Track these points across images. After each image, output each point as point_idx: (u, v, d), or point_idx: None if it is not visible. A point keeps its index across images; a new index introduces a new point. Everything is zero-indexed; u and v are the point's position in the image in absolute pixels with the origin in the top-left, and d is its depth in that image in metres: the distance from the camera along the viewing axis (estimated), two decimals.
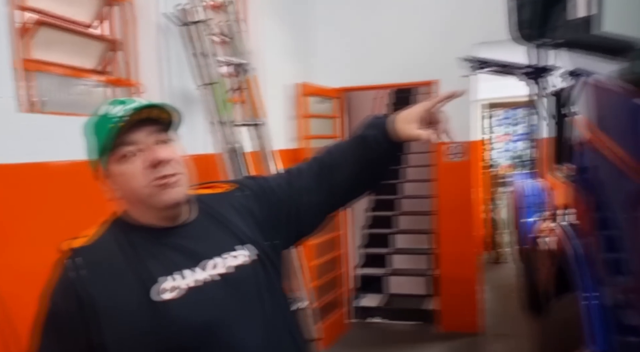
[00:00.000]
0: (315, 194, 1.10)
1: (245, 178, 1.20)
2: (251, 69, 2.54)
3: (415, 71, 3.86)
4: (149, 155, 0.91)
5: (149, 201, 0.91)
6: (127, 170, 0.91)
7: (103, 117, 0.92)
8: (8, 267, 1.34)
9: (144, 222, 0.94)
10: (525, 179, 4.68)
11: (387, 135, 1.07)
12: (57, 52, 1.76)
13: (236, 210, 1.05)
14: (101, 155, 0.91)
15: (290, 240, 1.12)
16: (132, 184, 0.91)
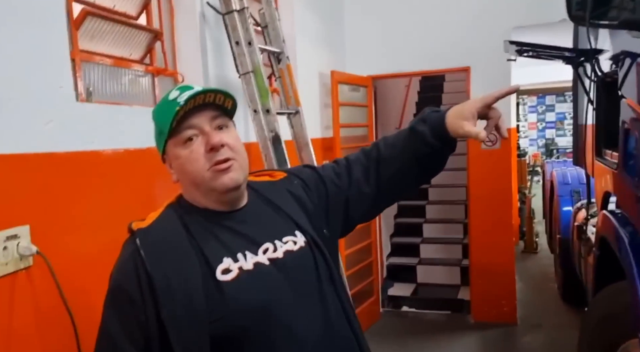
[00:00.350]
0: (364, 187, 1.11)
1: (296, 168, 1.21)
2: (285, 58, 2.54)
3: (447, 58, 3.80)
4: (208, 139, 0.94)
5: (207, 185, 0.94)
6: (187, 154, 0.94)
7: (167, 102, 0.95)
8: (66, 252, 1.38)
9: (204, 205, 0.97)
10: (562, 166, 4.59)
11: (437, 130, 1.05)
12: (103, 43, 1.79)
13: (287, 198, 1.07)
14: (164, 139, 0.94)
15: (337, 231, 1.13)
16: (191, 168, 0.94)
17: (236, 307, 0.89)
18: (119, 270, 0.92)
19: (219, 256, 0.92)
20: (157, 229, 0.93)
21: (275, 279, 0.94)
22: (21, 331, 1.25)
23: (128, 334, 0.87)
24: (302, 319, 0.95)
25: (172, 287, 0.87)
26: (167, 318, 0.85)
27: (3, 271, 1.22)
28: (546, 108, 14.11)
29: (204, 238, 0.93)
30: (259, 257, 0.95)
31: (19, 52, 1.29)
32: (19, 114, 1.27)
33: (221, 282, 0.90)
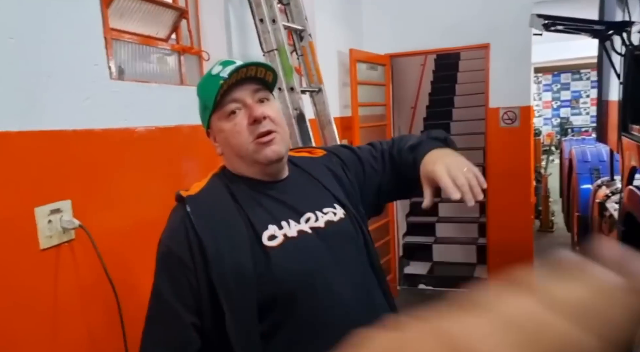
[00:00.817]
0: (397, 171, 1.15)
1: (334, 147, 1.24)
2: (308, 35, 2.53)
3: (466, 34, 3.75)
4: (250, 112, 0.96)
5: (251, 157, 0.97)
6: (230, 127, 0.96)
7: (210, 77, 0.97)
8: (105, 226, 1.42)
9: (248, 175, 1.01)
10: (580, 144, 4.55)
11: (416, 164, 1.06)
12: (131, 21, 1.80)
13: (326, 174, 1.10)
14: (209, 113, 0.97)
15: (369, 210, 1.17)
16: (235, 141, 0.96)
17: (282, 272, 0.92)
18: (169, 235, 0.95)
19: (264, 223, 0.95)
20: (205, 196, 0.96)
21: (317, 247, 0.98)
22: (66, 300, 1.30)
23: (180, 297, 0.90)
24: (344, 285, 0.98)
25: (221, 251, 0.90)
26: (217, 280, 0.88)
27: (48, 243, 1.26)
28: (561, 86, 13.90)
29: (249, 205, 0.96)
30: (302, 225, 0.98)
31: (57, 30, 1.31)
32: (58, 91, 1.30)
33: (267, 247, 0.93)
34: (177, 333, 0.90)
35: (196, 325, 0.91)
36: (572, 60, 8.68)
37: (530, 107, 3.96)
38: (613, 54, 2.12)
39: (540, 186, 5.94)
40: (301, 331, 0.93)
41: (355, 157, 1.16)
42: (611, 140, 2.65)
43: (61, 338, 1.28)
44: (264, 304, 0.91)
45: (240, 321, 0.89)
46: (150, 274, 1.60)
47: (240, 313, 0.89)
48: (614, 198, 2.90)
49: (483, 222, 4.43)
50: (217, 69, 0.97)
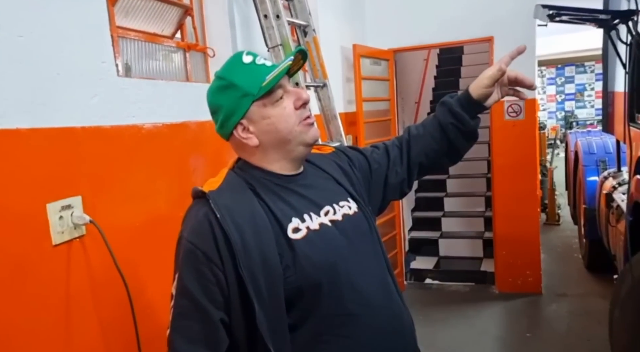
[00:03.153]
0: (398, 167, 1.19)
1: (342, 146, 1.28)
2: (312, 30, 2.53)
3: (469, 28, 3.74)
4: (299, 96, 0.99)
5: (298, 139, 0.99)
6: (279, 112, 0.97)
7: (249, 65, 0.97)
8: (115, 222, 1.43)
9: (270, 169, 1.01)
10: (586, 136, 4.53)
11: (462, 99, 1.14)
12: (137, 19, 1.81)
13: (336, 169, 1.13)
14: (251, 100, 0.96)
15: (375, 208, 1.20)
16: (285, 124, 0.97)
17: (308, 264, 0.93)
18: (193, 232, 0.93)
19: (288, 216, 0.96)
20: (226, 191, 0.96)
21: (337, 239, 1.00)
22: (78, 295, 1.31)
23: (208, 294, 0.90)
24: (363, 276, 1.00)
25: (248, 245, 0.90)
26: (246, 275, 0.89)
27: (59, 239, 1.27)
28: (565, 80, 13.83)
29: (271, 199, 0.97)
30: (322, 218, 1.00)
31: (64, 28, 1.32)
32: (67, 89, 1.31)
33: (292, 240, 0.94)
34: (209, 330, 0.90)
35: (224, 322, 0.91)
36: (576, 53, 8.63)
37: (535, 100, 3.94)
38: (619, 44, 2.11)
39: (546, 179, 5.92)
40: (325, 322, 0.95)
41: (362, 155, 1.20)
42: (617, 131, 2.64)
43: (74, 333, 1.29)
44: (289, 296, 0.92)
45: (271, 315, 0.90)
46: (161, 268, 1.61)
47: (271, 307, 0.90)
48: (621, 189, 2.89)
49: (489, 216, 4.43)
50: (248, 58, 0.98)
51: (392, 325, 1.02)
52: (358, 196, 1.10)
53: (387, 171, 1.19)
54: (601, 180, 3.65)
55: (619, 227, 2.64)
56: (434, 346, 3.17)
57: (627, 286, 1.92)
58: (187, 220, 0.97)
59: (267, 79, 0.94)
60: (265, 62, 0.98)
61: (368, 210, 1.11)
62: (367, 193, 1.16)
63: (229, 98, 0.98)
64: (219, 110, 1.00)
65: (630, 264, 1.92)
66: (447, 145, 1.17)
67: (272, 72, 0.95)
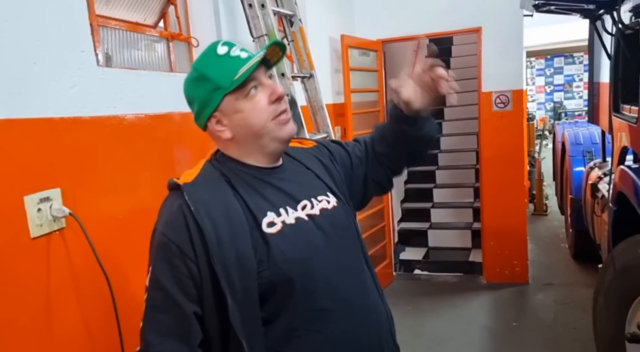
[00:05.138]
0: (379, 163, 1.18)
1: (324, 140, 1.26)
2: (298, 20, 2.51)
3: (458, 19, 3.73)
4: (273, 90, 0.96)
5: (271, 135, 0.96)
6: (251, 106, 0.95)
7: (221, 57, 0.95)
8: (96, 214, 1.41)
9: (248, 161, 0.99)
10: (573, 127, 4.56)
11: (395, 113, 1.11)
12: (118, 8, 1.77)
13: (317, 164, 1.12)
14: (223, 93, 0.94)
15: (356, 203, 1.19)
16: (257, 119, 0.95)
17: (282, 259, 0.92)
18: (167, 224, 0.92)
19: (263, 210, 0.94)
20: (201, 183, 0.95)
21: (314, 233, 0.98)
22: (58, 289, 1.29)
23: (181, 287, 0.89)
24: (339, 271, 0.99)
25: (222, 239, 0.89)
26: (219, 269, 0.87)
27: (38, 232, 1.25)
28: (554, 71, 13.89)
29: (247, 192, 0.95)
30: (299, 212, 0.98)
31: (41, 17, 1.29)
32: (44, 78, 1.28)
33: (267, 234, 0.92)
34: (182, 323, 0.89)
35: (197, 314, 0.90)
36: (565, 43, 8.66)
37: (523, 91, 3.95)
38: (604, 35, 2.11)
39: (533, 170, 5.97)
40: (299, 317, 0.94)
41: (344, 150, 1.19)
42: (602, 122, 2.66)
43: (55, 327, 1.28)
44: (263, 290, 0.91)
45: (244, 309, 0.88)
46: (143, 262, 1.59)
47: (243, 301, 0.89)
48: (607, 179, 2.91)
49: (477, 207, 4.45)
50: (223, 49, 0.95)
51: (367, 320, 1.02)
52: (338, 191, 1.09)
53: (367, 167, 1.18)
54: (587, 170, 3.68)
55: (604, 217, 2.67)
56: (423, 335, 3.20)
57: (610, 275, 1.94)
58: (161, 212, 0.96)
59: (239, 73, 0.92)
60: (241, 53, 0.95)
61: (348, 205, 1.10)
62: (349, 188, 1.15)
63: (201, 90, 0.96)
64: (194, 101, 0.98)
65: (612, 254, 1.94)
66: (405, 149, 1.17)
67: (245, 64, 0.93)
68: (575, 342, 2.92)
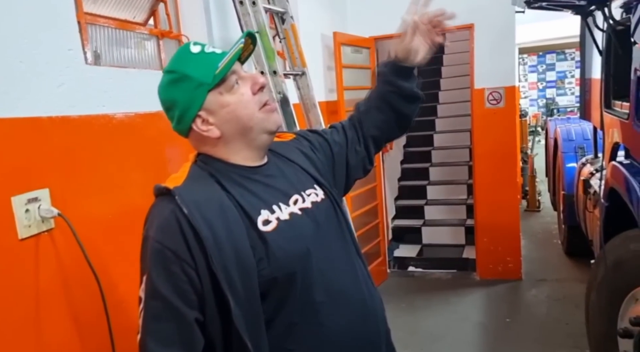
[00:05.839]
0: (357, 145, 1.19)
1: (302, 131, 1.26)
2: (290, 17, 2.49)
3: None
4: (256, 80, 0.96)
5: (260, 125, 0.96)
6: (237, 98, 0.95)
7: (202, 55, 0.94)
8: (85, 215, 1.40)
9: (235, 161, 0.98)
10: (565, 123, 4.58)
11: (392, 66, 1.14)
12: (106, 6, 1.75)
13: (300, 156, 1.11)
14: (206, 90, 0.93)
15: (341, 189, 1.20)
16: (245, 111, 0.95)
17: (281, 255, 0.91)
18: (160, 230, 0.89)
19: (256, 208, 0.94)
20: (192, 186, 0.92)
21: (308, 227, 0.98)
22: (48, 290, 1.28)
23: (181, 294, 0.86)
24: (332, 262, 1.00)
25: (219, 240, 0.87)
26: (219, 272, 0.86)
27: (26, 233, 1.23)
28: (547, 67, 13.95)
29: (238, 192, 0.94)
30: (291, 207, 0.98)
31: (27, 15, 1.26)
32: (31, 77, 1.26)
33: (263, 232, 0.92)
34: (184, 331, 0.87)
35: (199, 320, 0.88)
36: (557, 40, 8.69)
37: (515, 88, 3.96)
38: (595, 31, 2.12)
39: (526, 167, 5.99)
40: (298, 311, 0.94)
41: (322, 138, 1.19)
42: (594, 118, 2.67)
43: (45, 329, 1.26)
44: (263, 288, 0.90)
45: (246, 309, 0.87)
46: (134, 262, 1.58)
47: (245, 301, 0.88)
48: (598, 175, 2.93)
49: (471, 203, 4.46)
50: (196, 48, 0.95)
51: (363, 308, 1.02)
52: (324, 181, 1.09)
53: (347, 151, 1.18)
54: (579, 166, 3.69)
55: (596, 213, 2.68)
56: (417, 332, 3.20)
57: (602, 271, 1.94)
58: (151, 219, 0.92)
59: (220, 66, 0.92)
60: (215, 50, 0.95)
61: (334, 194, 1.09)
62: (332, 175, 1.15)
63: (182, 91, 0.93)
64: (174, 105, 0.95)
65: (604, 249, 1.95)
66: (394, 113, 1.18)
67: (223, 58, 0.92)
68: (568, 337, 2.94)
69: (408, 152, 5.66)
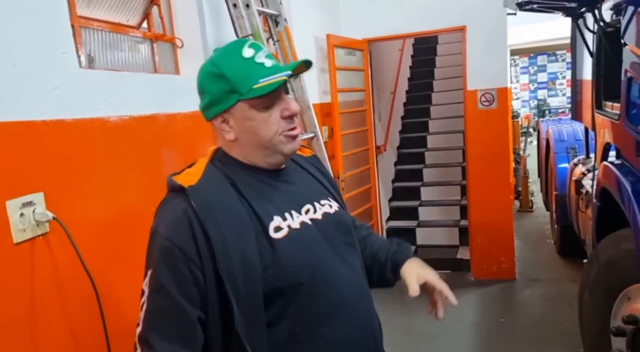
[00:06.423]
0: None
1: None
2: (283, 20, 2.50)
3: (443, 17, 3.76)
4: (287, 107, 0.96)
5: (276, 148, 0.97)
6: (264, 117, 0.95)
7: (247, 60, 0.93)
8: (81, 218, 1.39)
9: (253, 163, 0.99)
10: (557, 124, 4.62)
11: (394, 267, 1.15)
12: (100, 9, 1.75)
13: (317, 171, 1.14)
14: (237, 98, 0.93)
15: None
16: (266, 131, 0.95)
17: (289, 264, 0.92)
18: (170, 228, 0.89)
19: (270, 214, 0.94)
20: (206, 186, 0.93)
21: (317, 238, 0.99)
22: (43, 294, 1.27)
23: (185, 293, 0.87)
24: (341, 276, 1.00)
25: (228, 244, 0.88)
26: (225, 275, 0.86)
27: (21, 237, 1.23)
28: (538, 68, 14.05)
29: (252, 196, 0.95)
30: (303, 216, 0.99)
31: (21, 18, 1.26)
32: (25, 81, 1.26)
33: (274, 239, 0.92)
34: (188, 329, 0.88)
35: (202, 320, 0.89)
36: (548, 41, 8.76)
37: (508, 89, 3.99)
38: (586, 32, 2.14)
39: (519, 167, 6.03)
40: (301, 321, 0.94)
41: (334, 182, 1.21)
42: (586, 118, 2.69)
43: (40, 334, 1.26)
44: (267, 295, 0.91)
45: (249, 315, 0.88)
46: (129, 265, 1.58)
47: (249, 307, 0.88)
48: (590, 175, 2.95)
49: (464, 204, 4.48)
50: (249, 52, 0.94)
51: (363, 324, 1.03)
52: (338, 196, 1.11)
53: None
54: (571, 167, 3.72)
55: (588, 213, 2.71)
56: (412, 333, 3.21)
57: (594, 270, 1.96)
58: (163, 214, 0.93)
59: (260, 83, 0.91)
60: (265, 61, 0.94)
61: (345, 208, 1.12)
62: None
63: (216, 87, 0.94)
64: (204, 94, 0.97)
65: (597, 249, 1.96)
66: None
67: (268, 76, 0.92)
68: (562, 336, 2.96)
69: (402, 153, 5.69)
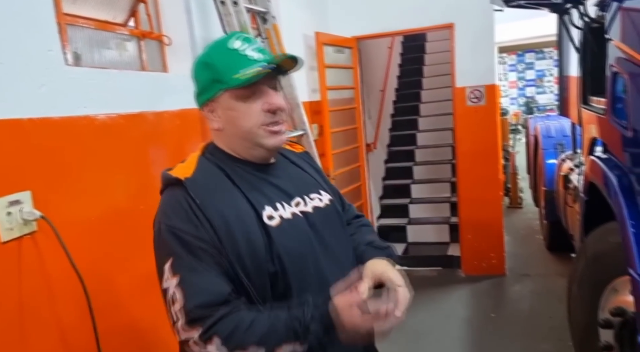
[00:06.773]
0: None
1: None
2: (271, 17, 2.50)
3: (431, 15, 3.77)
4: (270, 100, 0.96)
5: (256, 141, 0.98)
6: (244, 109, 0.95)
7: (236, 53, 0.95)
8: (68, 217, 1.38)
9: (242, 156, 1.01)
10: (545, 120, 4.66)
11: None
12: (86, 6, 1.74)
13: (308, 166, 1.15)
14: (221, 88, 0.95)
15: None
16: (245, 123, 0.96)
17: (283, 252, 0.93)
18: (173, 218, 0.91)
19: (261, 203, 0.96)
20: (202, 177, 0.95)
21: (307, 231, 1.00)
22: (31, 293, 1.26)
23: (205, 259, 0.89)
24: (330, 267, 1.01)
25: (231, 228, 0.90)
26: (233, 257, 0.89)
27: (9, 236, 1.21)
28: (526, 66, 14.17)
29: (245, 187, 0.97)
30: (293, 208, 1.00)
31: (5, 15, 1.25)
32: (11, 79, 1.25)
33: (268, 226, 0.94)
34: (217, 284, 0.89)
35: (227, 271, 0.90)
36: (535, 38, 8.83)
37: (496, 86, 4.02)
38: (572, 29, 2.16)
39: (508, 164, 6.07)
40: None
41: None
42: (572, 114, 2.72)
43: (28, 333, 1.24)
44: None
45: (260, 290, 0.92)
46: (121, 263, 1.57)
47: (258, 289, 0.91)
48: (578, 170, 2.98)
49: (454, 201, 4.51)
50: (236, 43, 0.96)
51: None
52: (329, 190, 1.12)
53: None
54: (559, 162, 3.76)
55: (576, 208, 2.73)
56: (403, 330, 3.21)
57: (582, 263, 1.98)
58: (164, 209, 0.94)
59: (240, 74, 0.92)
60: (253, 54, 0.95)
61: (336, 202, 1.12)
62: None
63: (204, 76, 0.98)
64: (196, 82, 1.01)
65: (585, 243, 1.99)
66: None
67: (249, 67, 0.93)
68: (552, 330, 2.99)
69: (392, 151, 5.70)
